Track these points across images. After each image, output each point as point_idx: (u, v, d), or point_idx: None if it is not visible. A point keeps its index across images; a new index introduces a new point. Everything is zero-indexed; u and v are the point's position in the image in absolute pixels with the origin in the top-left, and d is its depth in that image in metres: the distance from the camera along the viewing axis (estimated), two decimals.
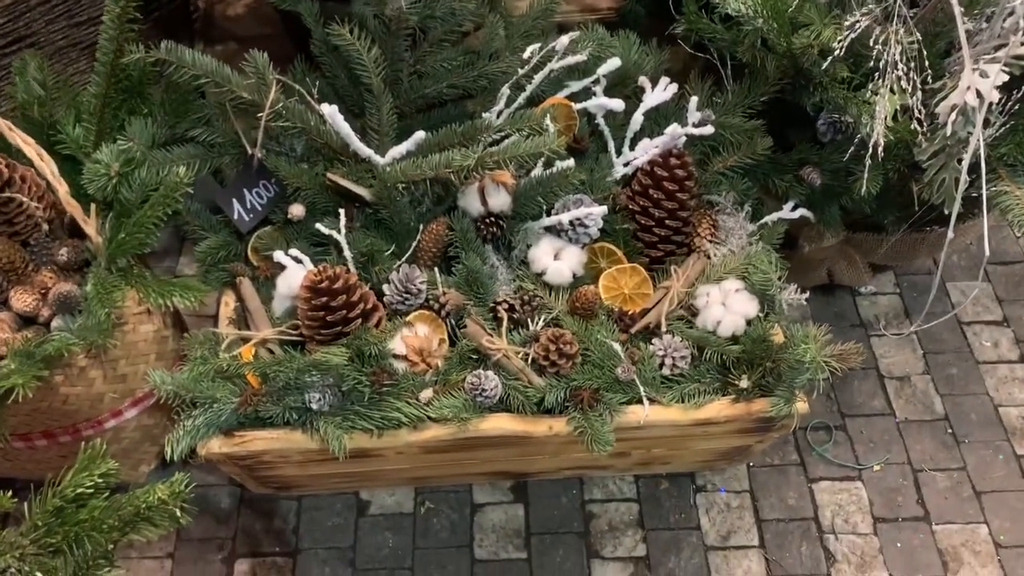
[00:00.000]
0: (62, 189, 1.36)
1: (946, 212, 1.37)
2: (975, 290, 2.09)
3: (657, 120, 1.63)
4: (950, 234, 1.37)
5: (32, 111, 1.52)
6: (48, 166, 1.36)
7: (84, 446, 1.18)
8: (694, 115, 1.57)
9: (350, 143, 1.44)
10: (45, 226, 1.46)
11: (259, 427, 1.38)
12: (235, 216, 1.50)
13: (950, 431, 1.87)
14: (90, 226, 1.40)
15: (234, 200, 1.50)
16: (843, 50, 1.36)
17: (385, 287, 1.46)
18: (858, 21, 1.37)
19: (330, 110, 1.42)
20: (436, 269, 1.50)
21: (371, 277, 1.49)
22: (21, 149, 1.36)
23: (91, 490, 1.15)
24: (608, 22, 1.82)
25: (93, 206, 1.42)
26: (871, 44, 1.36)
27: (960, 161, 1.34)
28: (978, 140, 1.29)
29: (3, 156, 1.41)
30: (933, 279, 1.54)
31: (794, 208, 1.63)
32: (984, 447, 1.85)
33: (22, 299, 1.39)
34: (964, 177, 1.33)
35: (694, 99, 1.56)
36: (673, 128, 1.52)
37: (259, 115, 1.43)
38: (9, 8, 1.67)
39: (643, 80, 1.63)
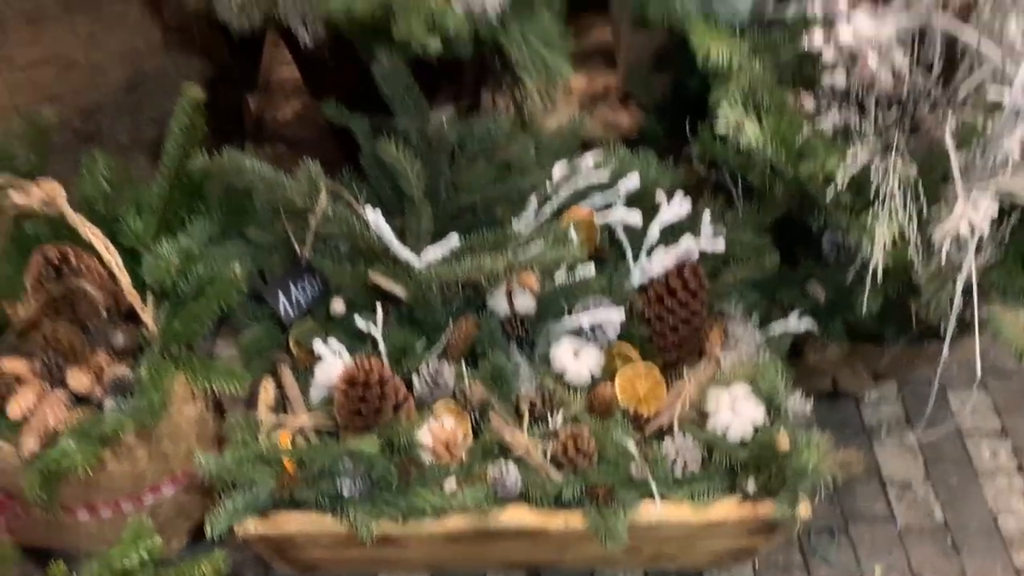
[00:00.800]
0: (125, 280, 1.47)
1: (941, 333, 1.47)
2: (972, 401, 2.15)
3: (672, 231, 1.73)
4: (945, 352, 1.46)
5: (97, 205, 1.64)
6: (114, 258, 1.48)
7: (128, 521, 1.26)
8: (707, 230, 1.68)
9: (391, 247, 1.55)
10: (104, 313, 1.57)
11: (292, 509, 1.46)
12: (281, 311, 1.61)
13: (950, 539, 1.92)
14: (147, 315, 1.51)
15: (280, 294, 1.61)
16: (844, 183, 1.47)
17: (414, 378, 1.55)
18: (857, 154, 1.48)
19: (374, 217, 1.54)
20: (463, 362, 1.60)
21: (402, 369, 1.59)
22: (90, 242, 1.48)
23: (137, 563, 1.23)
24: (629, 139, 1.96)
25: (150, 296, 1.54)
26: (871, 175, 1.48)
27: (955, 284, 1.44)
28: (970, 267, 1.39)
29: (73, 247, 1.53)
30: (931, 392, 1.62)
31: (799, 318, 1.73)
32: (983, 556, 1.89)
33: (79, 379, 1.48)
34: (958, 300, 1.43)
35: (707, 215, 1.67)
36: (687, 242, 1.63)
37: (308, 216, 1.55)
38: (85, 110, 1.83)
39: (660, 195, 1.74)
